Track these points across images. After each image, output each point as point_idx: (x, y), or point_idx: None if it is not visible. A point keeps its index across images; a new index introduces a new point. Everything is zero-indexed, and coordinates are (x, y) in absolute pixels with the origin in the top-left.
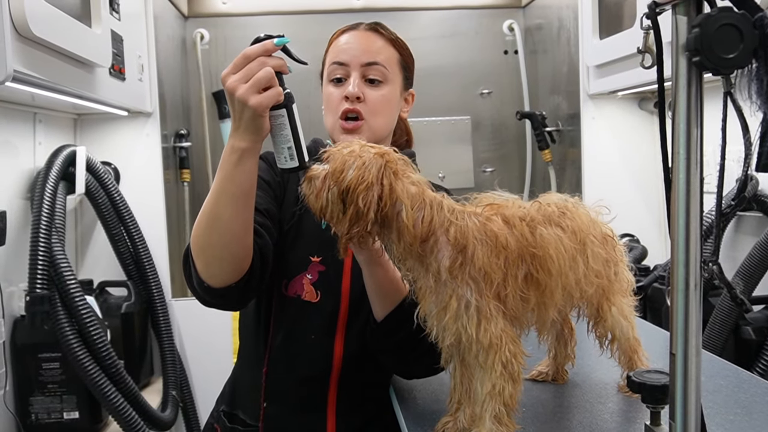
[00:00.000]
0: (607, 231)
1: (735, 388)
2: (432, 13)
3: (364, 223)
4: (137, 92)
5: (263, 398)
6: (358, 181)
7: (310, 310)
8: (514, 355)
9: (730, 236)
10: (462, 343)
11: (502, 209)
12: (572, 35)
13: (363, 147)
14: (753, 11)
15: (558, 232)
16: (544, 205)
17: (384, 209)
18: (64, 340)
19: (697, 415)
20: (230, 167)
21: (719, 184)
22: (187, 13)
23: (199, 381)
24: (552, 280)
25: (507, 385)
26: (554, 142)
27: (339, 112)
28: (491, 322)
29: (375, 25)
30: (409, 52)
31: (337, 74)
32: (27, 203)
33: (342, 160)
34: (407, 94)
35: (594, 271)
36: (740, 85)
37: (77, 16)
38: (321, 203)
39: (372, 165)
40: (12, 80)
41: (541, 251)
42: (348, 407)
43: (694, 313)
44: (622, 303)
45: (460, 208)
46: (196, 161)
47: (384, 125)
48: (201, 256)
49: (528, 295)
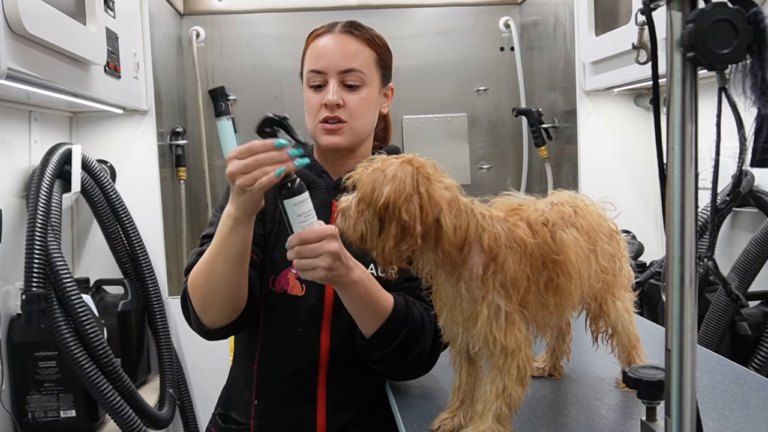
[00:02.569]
0: (612, 226)
1: (731, 384)
2: (428, 9)
3: (413, 238)
4: (133, 90)
5: (254, 396)
6: (396, 194)
7: (296, 303)
8: (528, 360)
9: (726, 232)
10: (487, 347)
11: (525, 213)
12: (568, 32)
13: (385, 161)
14: (747, 6)
15: (574, 234)
16: (559, 205)
17: (426, 218)
18: (61, 339)
19: (692, 411)
20: (226, 231)
21: (714, 180)
22: (183, 11)
23: (196, 379)
24: (572, 283)
25: (516, 388)
26: (551, 139)
27: (319, 117)
28: (516, 328)
29: (350, 26)
30: (386, 48)
31: (316, 81)
32: (22, 202)
33: (370, 181)
34: (386, 90)
35: (602, 267)
36: (735, 81)
37: (72, 14)
38: (360, 231)
39: (404, 175)
40: (6, 78)
41: (562, 256)
42: (338, 402)
43: (689, 309)
44: (625, 297)
45: (488, 214)
46: (193, 159)
47: (365, 126)
48: (199, 304)
49: (547, 300)
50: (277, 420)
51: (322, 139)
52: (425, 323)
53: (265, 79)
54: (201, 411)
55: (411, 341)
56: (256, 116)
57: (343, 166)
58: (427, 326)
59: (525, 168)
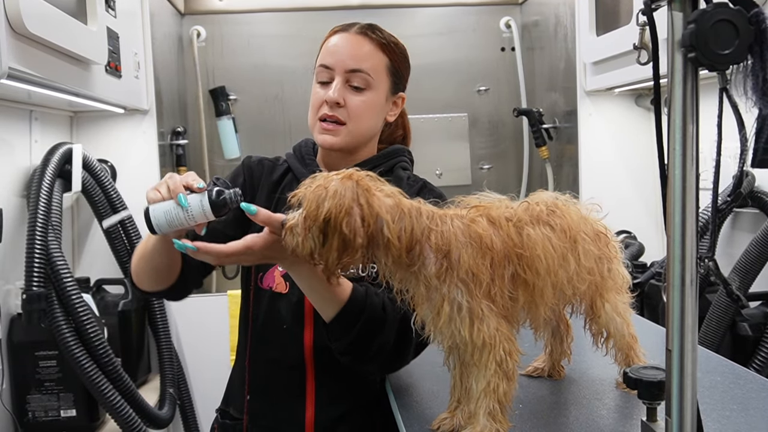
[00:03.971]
0: (599, 228)
1: (731, 384)
2: (429, 9)
3: (354, 250)
4: (133, 89)
5: (246, 391)
6: (336, 209)
7: (281, 301)
8: (509, 353)
9: (727, 233)
10: (458, 344)
11: (488, 210)
12: (569, 32)
13: (327, 177)
14: (748, 7)
15: (546, 232)
16: (533, 205)
17: (369, 229)
18: (61, 338)
19: (693, 411)
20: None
21: (715, 181)
22: (184, 11)
23: (196, 378)
24: (540, 279)
25: (501, 383)
26: (551, 139)
27: (320, 113)
28: (484, 322)
29: (367, 28)
30: (403, 56)
31: (323, 77)
32: (23, 201)
33: (314, 197)
34: (396, 98)
35: (586, 268)
36: (736, 81)
37: (73, 13)
38: (309, 247)
39: (344, 189)
40: (7, 77)
41: (528, 251)
42: (327, 398)
43: (690, 310)
44: (616, 300)
45: (440, 213)
46: (193, 158)
47: (364, 130)
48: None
49: (516, 295)
50: (268, 415)
51: (318, 137)
52: (387, 313)
53: (266, 79)
54: (201, 411)
55: (371, 330)
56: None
57: (342, 165)
58: (390, 316)
59: (526, 168)
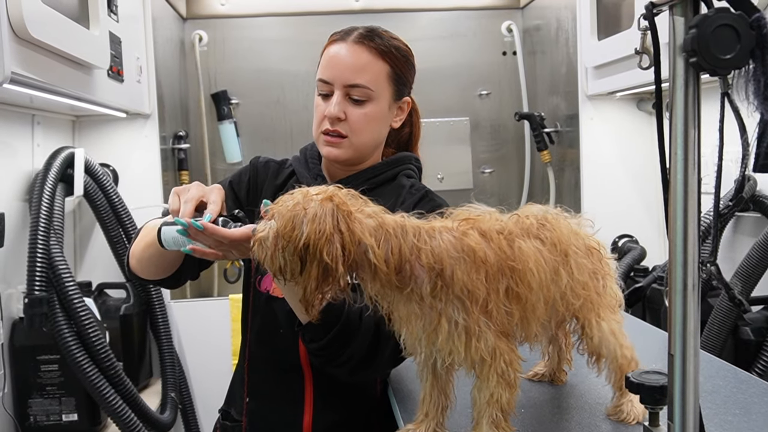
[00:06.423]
0: (591, 243)
1: (733, 389)
2: (431, 14)
3: (335, 279)
4: (135, 94)
5: (246, 393)
6: (316, 235)
7: (277, 304)
8: (510, 364)
9: (728, 237)
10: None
11: (478, 223)
12: (570, 36)
13: (306, 196)
14: (750, 12)
15: (537, 245)
16: (522, 218)
17: (350, 258)
18: (63, 342)
19: (695, 416)
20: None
21: (717, 185)
22: (186, 15)
23: (198, 383)
24: (533, 294)
25: (504, 393)
26: (553, 143)
27: (322, 128)
28: (481, 339)
29: (366, 36)
30: (405, 60)
31: (323, 90)
32: (25, 205)
33: (289, 216)
34: (401, 103)
35: (580, 283)
36: (737, 86)
37: (75, 18)
38: (278, 264)
39: (324, 214)
40: (10, 82)
41: (520, 264)
42: (325, 402)
43: (692, 314)
44: (611, 319)
45: (427, 227)
46: (195, 163)
47: (367, 141)
48: (134, 260)
49: (511, 309)
50: (267, 418)
51: (322, 149)
52: (363, 323)
53: (268, 83)
54: (202, 414)
55: (343, 340)
56: (258, 120)
57: (346, 173)
58: (365, 328)
59: (527, 172)
